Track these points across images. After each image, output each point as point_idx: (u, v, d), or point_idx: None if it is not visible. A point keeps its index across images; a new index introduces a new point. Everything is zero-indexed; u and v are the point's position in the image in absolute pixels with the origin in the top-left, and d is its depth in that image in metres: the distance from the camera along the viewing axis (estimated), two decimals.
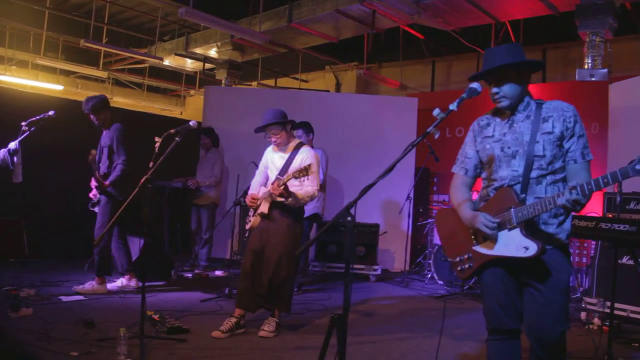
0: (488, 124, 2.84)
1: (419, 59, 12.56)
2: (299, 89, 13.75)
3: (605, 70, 7.59)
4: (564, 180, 2.64)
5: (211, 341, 4.28)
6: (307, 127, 6.84)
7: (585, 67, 7.75)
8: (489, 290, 2.78)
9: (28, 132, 5.64)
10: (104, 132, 5.92)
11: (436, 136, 2.52)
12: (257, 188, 4.97)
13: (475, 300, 6.41)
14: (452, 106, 2.56)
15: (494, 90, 2.70)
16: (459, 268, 2.85)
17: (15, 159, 5.70)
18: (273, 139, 4.76)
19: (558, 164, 2.63)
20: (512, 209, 2.59)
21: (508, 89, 2.66)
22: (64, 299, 5.41)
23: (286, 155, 4.79)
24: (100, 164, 5.83)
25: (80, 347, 3.91)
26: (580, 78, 7.73)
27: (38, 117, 5.64)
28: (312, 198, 4.71)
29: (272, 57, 12.53)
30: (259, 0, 9.33)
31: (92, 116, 5.79)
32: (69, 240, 5.89)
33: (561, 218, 2.63)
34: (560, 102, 2.68)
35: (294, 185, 4.59)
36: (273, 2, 9.66)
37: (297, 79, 14.29)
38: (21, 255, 7.13)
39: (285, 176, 4.51)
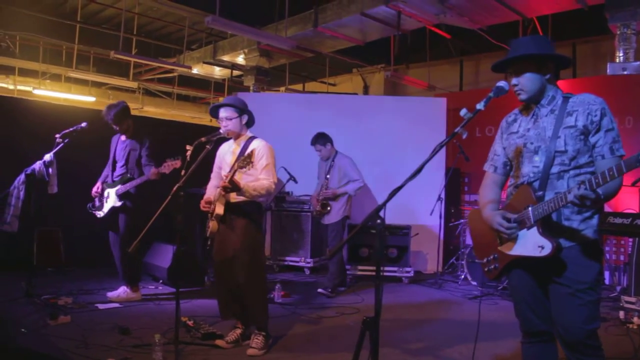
0: (515, 120, 2.81)
1: (447, 58, 12.48)
2: (327, 92, 13.77)
3: (638, 63, 7.42)
4: (593, 174, 2.44)
5: (245, 347, 4.30)
6: (322, 139, 6.83)
7: (617, 60, 7.60)
8: (516, 291, 2.75)
9: (62, 144, 5.76)
10: (125, 138, 5.93)
11: (464, 136, 2.50)
12: (212, 192, 4.58)
13: (509, 301, 6.32)
14: (480, 106, 2.54)
15: (513, 81, 2.66)
16: (486, 269, 2.82)
17: (50, 170, 5.83)
18: (223, 124, 4.37)
19: (583, 159, 2.53)
20: (529, 207, 2.54)
21: (526, 81, 2.62)
22: (101, 306, 5.51)
23: (237, 150, 4.42)
24: (127, 167, 5.83)
25: (117, 354, 3.98)
26: (612, 72, 7.58)
27: (71, 129, 5.76)
28: (268, 191, 4.27)
29: (300, 62, 12.57)
30: (285, 6, 9.37)
31: (114, 126, 5.81)
32: (104, 248, 6.00)
33: (587, 214, 2.53)
34: (589, 95, 2.58)
35: (249, 182, 4.25)
36: (298, 8, 9.70)
37: (324, 82, 14.32)
38: (58, 264, 7.30)
39: (231, 170, 4.20)
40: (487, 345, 4.53)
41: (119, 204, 5.74)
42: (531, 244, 2.53)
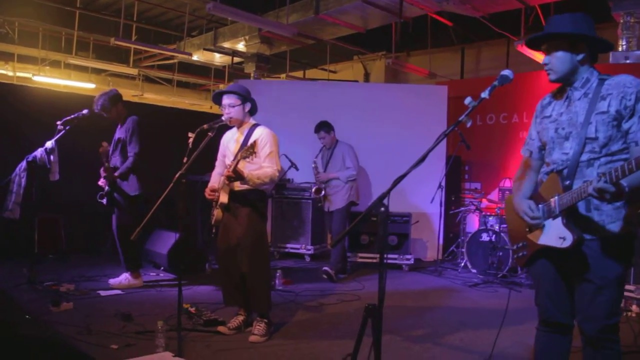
0: (549, 104, 2.71)
1: (448, 46, 12.41)
2: (328, 80, 13.73)
3: None
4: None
5: (247, 333, 4.33)
6: (326, 127, 6.89)
7: (620, 49, 7.57)
8: (537, 280, 2.74)
9: (63, 131, 5.77)
10: (119, 126, 5.95)
11: (468, 125, 2.46)
12: (217, 179, 4.60)
13: (507, 289, 6.35)
14: (484, 94, 2.49)
15: (545, 60, 2.58)
16: (516, 255, 2.80)
17: (51, 157, 5.83)
18: (226, 111, 4.35)
19: (616, 146, 2.40)
20: (556, 197, 2.49)
21: (556, 61, 2.53)
22: (103, 293, 5.54)
23: (241, 138, 4.42)
24: (113, 157, 5.87)
25: (120, 340, 4.02)
26: (614, 61, 7.54)
27: (72, 116, 5.76)
28: (272, 179, 4.28)
29: (300, 49, 12.50)
30: None
31: (103, 114, 5.81)
32: (105, 235, 6.02)
33: (618, 203, 2.38)
34: (626, 76, 2.43)
35: (253, 170, 4.23)
36: None
37: (325, 70, 14.23)
38: (59, 251, 7.32)
39: (234, 159, 4.18)
40: (488, 332, 4.54)
41: (105, 188, 5.81)
42: (555, 234, 2.49)
